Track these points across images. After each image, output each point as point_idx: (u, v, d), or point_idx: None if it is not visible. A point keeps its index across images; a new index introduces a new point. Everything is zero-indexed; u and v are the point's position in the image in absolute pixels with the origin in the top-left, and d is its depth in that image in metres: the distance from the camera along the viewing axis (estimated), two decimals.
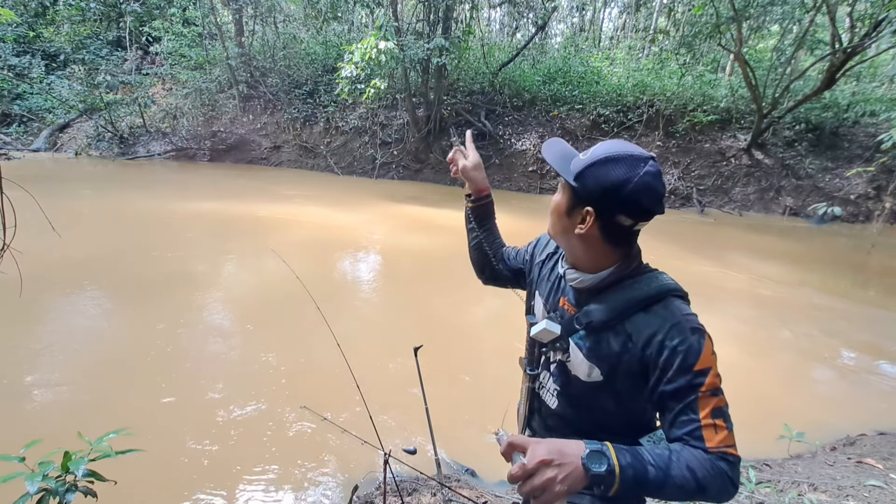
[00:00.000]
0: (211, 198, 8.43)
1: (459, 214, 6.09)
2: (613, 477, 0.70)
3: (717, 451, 0.76)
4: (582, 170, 0.82)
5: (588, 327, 0.88)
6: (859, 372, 3.90)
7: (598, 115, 11.70)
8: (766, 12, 10.09)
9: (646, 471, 0.73)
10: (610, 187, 0.79)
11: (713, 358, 0.79)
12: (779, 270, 6.40)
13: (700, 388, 0.77)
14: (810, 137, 10.76)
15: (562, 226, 0.89)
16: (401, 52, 9.55)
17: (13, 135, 13.75)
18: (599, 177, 0.80)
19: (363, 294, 4.97)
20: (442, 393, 1.58)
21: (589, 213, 0.82)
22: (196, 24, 14.69)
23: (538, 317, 1.02)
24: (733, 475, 0.76)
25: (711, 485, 0.74)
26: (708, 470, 0.74)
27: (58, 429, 2.50)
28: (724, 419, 0.77)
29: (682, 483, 0.73)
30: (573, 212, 0.85)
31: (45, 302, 4.03)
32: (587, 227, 0.83)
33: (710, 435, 0.76)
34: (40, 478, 1.06)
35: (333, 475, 2.39)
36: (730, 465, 0.76)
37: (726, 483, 0.75)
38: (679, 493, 0.74)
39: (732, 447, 0.77)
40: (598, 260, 0.87)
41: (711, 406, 0.77)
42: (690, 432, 0.77)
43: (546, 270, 1.06)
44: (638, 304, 0.84)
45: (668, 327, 0.79)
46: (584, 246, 0.87)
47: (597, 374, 0.88)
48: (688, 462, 0.74)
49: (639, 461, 0.73)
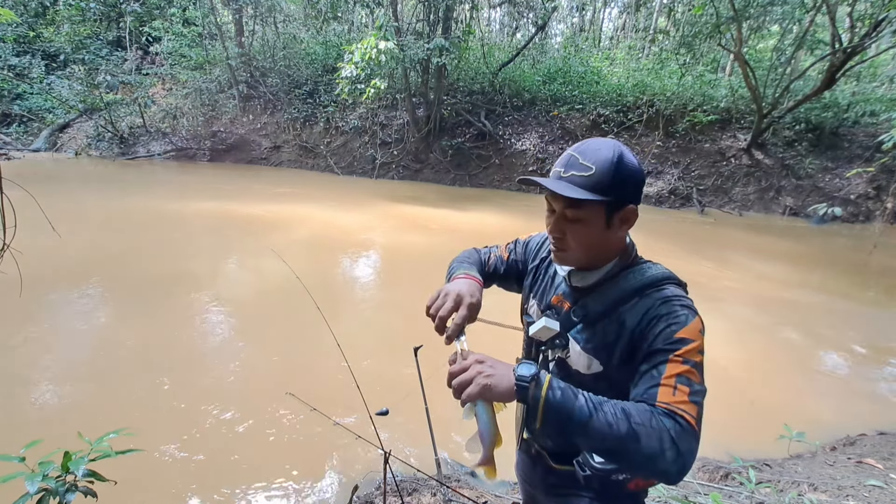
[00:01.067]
0: (211, 198, 8.43)
1: (459, 214, 6.08)
2: (539, 390, 0.71)
3: (665, 406, 0.70)
4: (610, 182, 0.80)
5: (585, 320, 0.89)
6: (859, 372, 3.90)
7: (598, 115, 11.71)
8: (766, 12, 10.09)
9: (575, 397, 0.71)
10: (640, 179, 0.84)
11: (699, 335, 0.77)
12: (779, 270, 6.40)
13: (674, 352, 0.75)
14: (810, 137, 10.76)
15: (599, 241, 0.86)
16: (401, 52, 9.55)
17: (13, 135, 13.76)
18: (626, 176, 0.81)
19: (363, 294, 4.97)
20: (442, 393, 1.57)
21: (632, 210, 0.84)
22: (196, 24, 14.70)
23: (534, 316, 1.03)
24: (678, 440, 0.67)
25: (647, 436, 0.67)
26: (647, 419, 0.68)
27: (58, 429, 2.50)
28: (689, 389, 0.71)
29: (612, 421, 0.68)
30: (613, 219, 0.84)
31: (45, 302, 4.03)
32: (630, 223, 0.86)
33: (664, 392, 0.71)
34: (40, 478, 1.06)
35: (333, 475, 2.39)
36: (676, 426, 0.68)
37: (665, 442, 0.66)
38: (609, 434, 0.68)
39: (687, 413, 0.69)
40: (606, 255, 0.89)
41: (679, 371, 0.73)
42: (645, 390, 0.74)
43: (540, 273, 1.07)
44: (634, 293, 0.85)
45: (658, 303, 0.81)
46: (613, 243, 0.88)
47: (596, 365, 0.89)
48: (625, 406, 0.70)
49: (571, 389, 0.72)
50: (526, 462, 1.11)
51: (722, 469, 2.48)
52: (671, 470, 0.67)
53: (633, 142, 11.47)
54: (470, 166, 11.90)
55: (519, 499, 0.98)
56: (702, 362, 0.76)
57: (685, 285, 0.89)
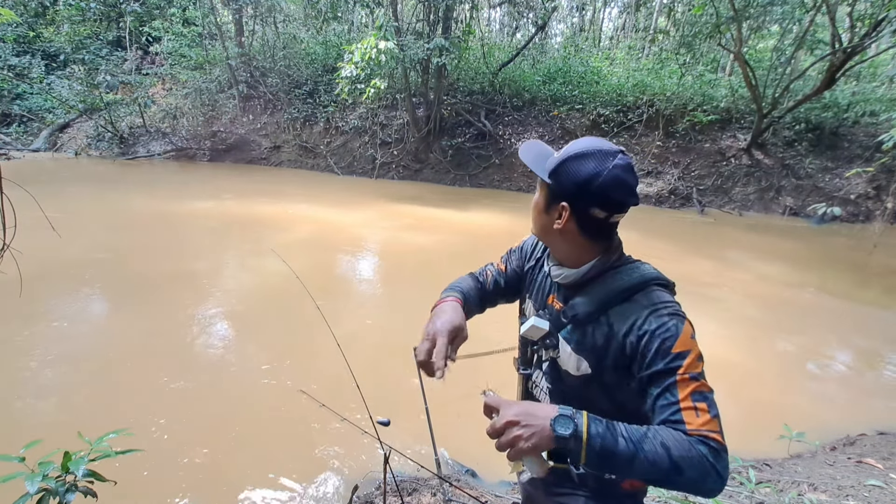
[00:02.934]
0: (211, 198, 8.43)
1: (459, 214, 6.09)
2: (580, 443, 0.71)
3: (698, 434, 0.73)
4: (555, 167, 0.85)
5: (574, 321, 0.90)
6: (859, 372, 3.90)
7: (598, 114, 11.70)
8: (766, 12, 10.08)
9: (615, 441, 0.71)
10: (581, 182, 0.82)
11: (693, 342, 0.79)
12: (779, 270, 6.40)
13: (678, 370, 0.76)
14: (810, 137, 10.75)
15: (541, 223, 0.93)
16: (401, 52, 9.55)
17: (13, 135, 13.76)
18: (571, 172, 0.83)
19: (363, 294, 4.97)
20: (442, 393, 1.57)
21: (564, 207, 0.85)
22: (196, 24, 14.70)
23: (528, 316, 1.03)
24: (716, 462, 0.71)
25: (689, 467, 0.70)
26: (685, 450, 0.71)
27: (58, 429, 2.50)
28: (706, 403, 0.75)
29: (654, 458, 0.70)
30: (550, 208, 0.89)
31: (45, 302, 4.03)
32: (563, 222, 0.86)
33: (690, 417, 0.74)
34: (40, 478, 1.06)
35: (333, 475, 2.39)
36: (711, 451, 0.71)
37: (706, 468, 0.70)
38: (653, 470, 0.71)
39: (716, 433, 0.73)
40: (580, 254, 0.89)
41: (691, 389, 0.75)
42: (670, 416, 0.75)
43: (535, 273, 1.08)
44: (619, 295, 0.85)
45: (645, 314, 0.81)
46: (564, 241, 0.90)
47: (585, 366, 0.89)
48: (663, 439, 0.72)
49: (610, 432, 0.72)
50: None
51: None
52: (716, 489, 0.72)
53: (633, 142, 11.47)
54: (470, 166, 11.90)
55: (518, 499, 0.98)
56: (703, 368, 0.78)
57: (673, 285, 0.89)
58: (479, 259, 1.34)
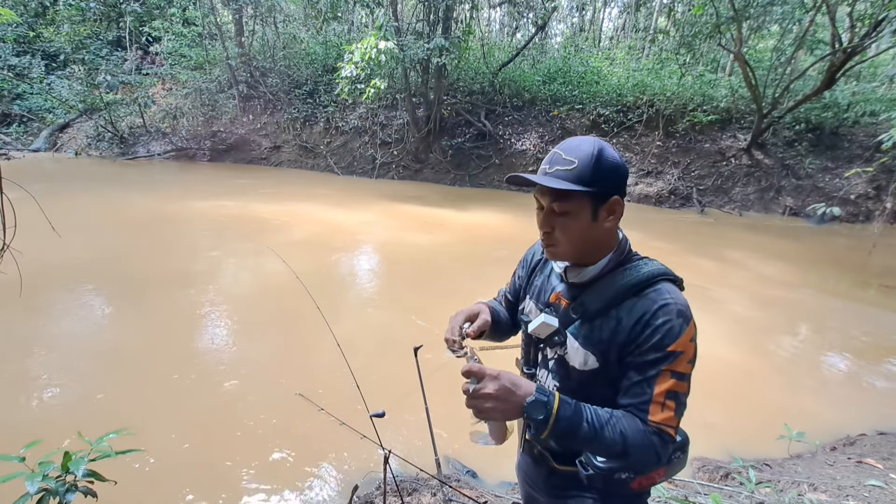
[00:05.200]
0: (211, 198, 8.43)
1: (459, 214, 6.09)
2: (546, 424, 0.78)
3: (656, 426, 0.80)
4: (590, 174, 0.83)
5: (583, 316, 0.91)
6: (859, 372, 3.90)
7: (598, 114, 11.70)
8: (766, 12, 10.07)
9: (579, 425, 0.78)
10: (621, 172, 0.86)
11: (690, 345, 0.82)
12: (779, 270, 6.40)
13: (665, 366, 0.80)
14: (810, 137, 10.76)
15: (588, 235, 0.88)
16: (401, 52, 9.55)
17: (13, 135, 13.75)
18: (607, 168, 0.83)
19: (363, 294, 4.97)
20: (442, 393, 1.57)
21: (617, 202, 0.86)
22: (196, 24, 14.70)
23: (531, 315, 1.03)
24: (661, 451, 0.80)
25: (637, 452, 0.79)
26: (640, 440, 0.79)
27: (58, 429, 2.50)
28: (675, 403, 0.81)
29: (610, 443, 0.79)
30: (598, 214, 0.86)
31: (45, 302, 4.03)
32: (617, 215, 0.87)
33: (655, 410, 0.80)
34: (40, 478, 1.06)
35: (333, 475, 2.39)
36: (661, 441, 0.80)
37: (651, 455, 0.80)
38: (604, 451, 0.82)
39: (672, 428, 0.81)
40: (602, 249, 0.91)
41: (668, 386, 0.80)
42: (639, 404, 0.82)
43: (536, 274, 1.09)
44: (631, 290, 0.86)
45: (655, 308, 0.82)
46: (603, 237, 0.90)
47: (592, 361, 0.89)
48: (623, 428, 0.79)
49: (577, 415, 0.79)
50: (528, 463, 1.11)
51: (722, 469, 2.48)
52: (652, 470, 0.88)
53: (633, 142, 11.47)
54: (470, 166, 11.90)
55: (519, 499, 0.98)
56: (690, 371, 0.83)
57: (681, 281, 0.90)
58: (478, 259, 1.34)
